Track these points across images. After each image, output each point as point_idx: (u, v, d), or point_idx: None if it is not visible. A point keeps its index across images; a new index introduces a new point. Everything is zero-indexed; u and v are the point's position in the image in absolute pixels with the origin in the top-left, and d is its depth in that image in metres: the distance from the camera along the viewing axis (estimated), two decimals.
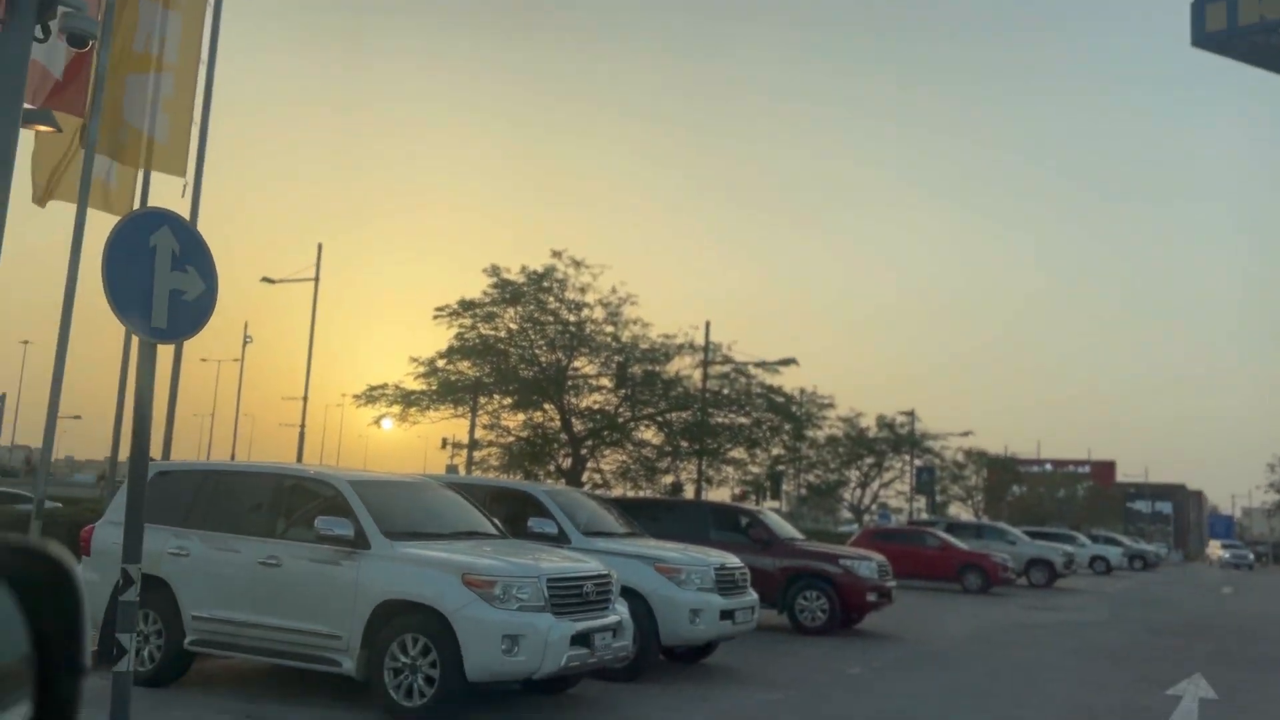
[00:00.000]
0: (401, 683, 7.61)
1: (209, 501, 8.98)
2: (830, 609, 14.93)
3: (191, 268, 4.88)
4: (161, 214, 4.92)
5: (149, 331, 4.72)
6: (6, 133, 4.17)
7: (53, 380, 11.58)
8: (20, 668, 1.02)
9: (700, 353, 24.69)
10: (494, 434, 23.70)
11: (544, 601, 7.77)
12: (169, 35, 13.37)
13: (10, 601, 1.00)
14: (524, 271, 21.93)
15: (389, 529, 8.18)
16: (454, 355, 22.01)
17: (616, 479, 23.91)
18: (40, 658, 0.99)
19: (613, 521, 12.04)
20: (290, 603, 8.09)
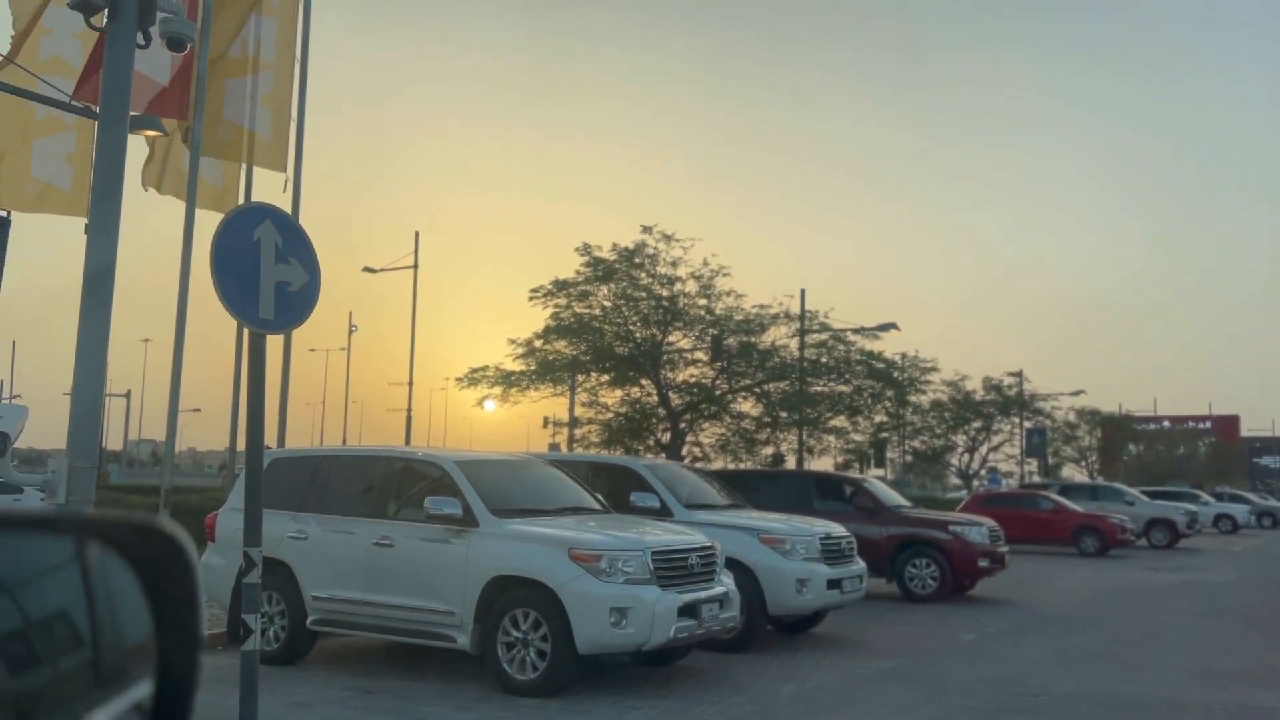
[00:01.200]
0: (514, 657, 7.77)
1: (323, 486, 9.28)
2: (941, 576, 14.68)
3: (294, 260, 5.02)
4: (264, 208, 5.08)
5: (257, 323, 4.89)
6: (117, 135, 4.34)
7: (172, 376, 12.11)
8: (143, 643, 1.06)
9: (796, 322, 24.41)
10: (593, 411, 23.92)
11: (649, 574, 7.83)
12: (264, 37, 13.75)
13: (131, 578, 1.03)
14: (615, 249, 22.00)
15: (496, 507, 8.33)
16: (550, 335, 22.25)
17: (716, 452, 23.90)
18: (159, 633, 1.02)
19: (714, 494, 12.05)
20: (404, 581, 8.32)
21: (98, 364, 4.36)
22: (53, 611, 0.97)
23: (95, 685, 0.99)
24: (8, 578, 0.94)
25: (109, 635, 1.01)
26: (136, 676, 1.03)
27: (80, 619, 0.99)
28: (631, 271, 21.76)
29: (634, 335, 22.24)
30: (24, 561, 0.97)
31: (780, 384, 23.53)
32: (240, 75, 13.49)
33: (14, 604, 0.94)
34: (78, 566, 1.01)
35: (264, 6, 13.92)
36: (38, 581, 0.98)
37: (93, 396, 4.34)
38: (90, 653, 0.98)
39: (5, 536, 0.98)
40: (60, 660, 0.95)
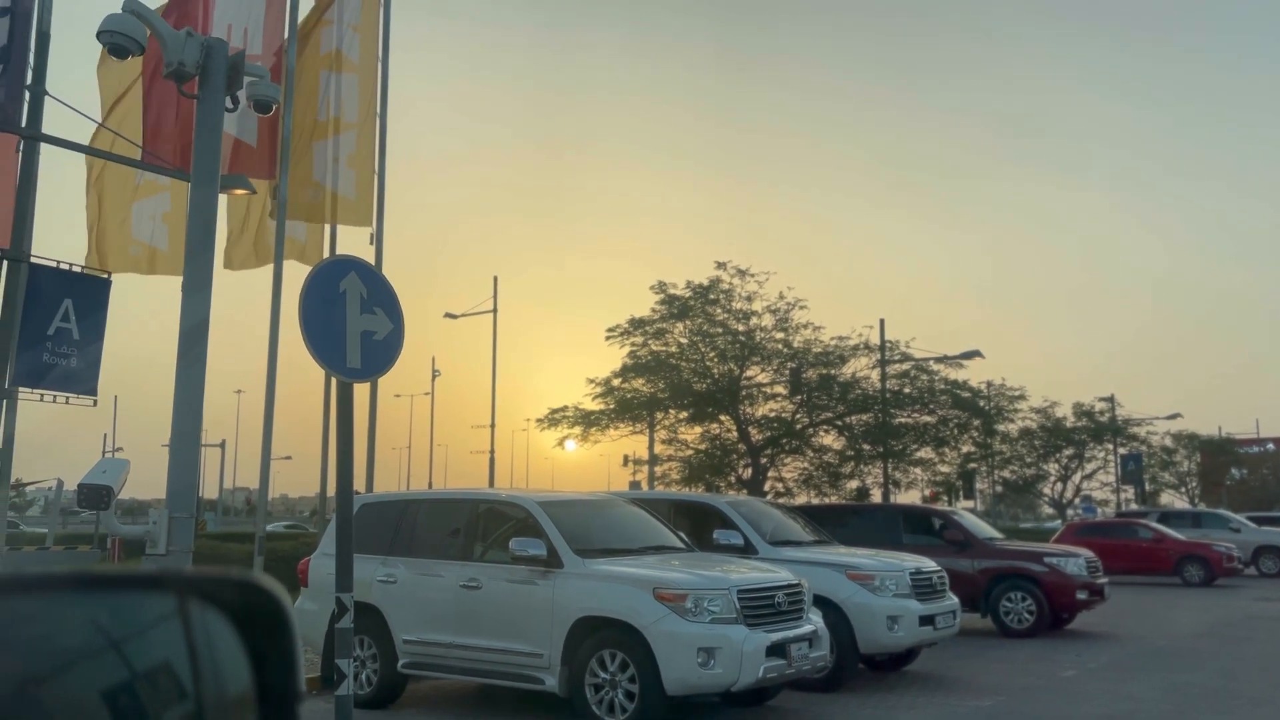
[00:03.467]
0: (603, 698, 7.73)
1: (410, 529, 9.41)
2: (1038, 610, 14.21)
3: (379, 309, 5.15)
4: (349, 260, 5.23)
5: (345, 372, 5.01)
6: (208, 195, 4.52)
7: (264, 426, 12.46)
8: (244, 698, 1.07)
9: (876, 352, 24.10)
10: (672, 448, 23.89)
11: (736, 613, 7.74)
12: (346, 96, 14.23)
13: (231, 633, 1.05)
14: (690, 286, 22.07)
15: (580, 547, 8.34)
16: (628, 374, 22.35)
17: (799, 487, 23.63)
18: (259, 686, 1.04)
19: (799, 530, 11.89)
20: (492, 623, 8.36)
21: (194, 416, 4.51)
22: (157, 667, 0.99)
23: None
24: (114, 634, 0.97)
25: (211, 690, 1.03)
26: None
27: (183, 674, 1.01)
28: (707, 308, 21.78)
29: (711, 371, 22.20)
30: (129, 618, 1.00)
31: (863, 416, 23.21)
32: (324, 137, 13.96)
33: (120, 660, 0.96)
34: (180, 622, 1.03)
35: (343, 64, 14.42)
36: (142, 637, 1.01)
37: (190, 449, 4.48)
38: (193, 707, 1.00)
39: (112, 595, 1.02)
40: (164, 715, 0.97)
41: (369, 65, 14.88)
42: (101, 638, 0.96)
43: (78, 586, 1.01)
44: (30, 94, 9.30)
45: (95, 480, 4.07)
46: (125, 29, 4.84)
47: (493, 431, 33.77)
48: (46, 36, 9.32)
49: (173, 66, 4.74)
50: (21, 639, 0.85)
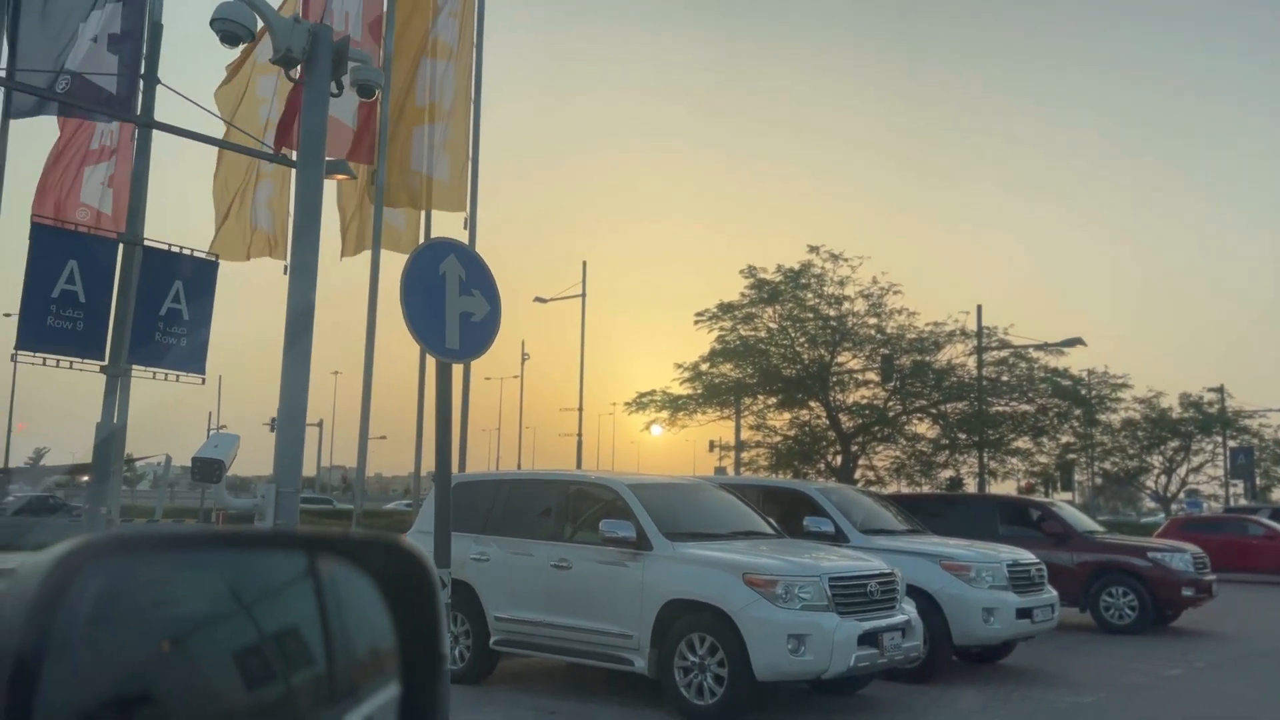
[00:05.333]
0: (691, 681, 7.74)
1: (503, 509, 9.54)
2: (1140, 606, 13.74)
3: (477, 291, 5.22)
4: (448, 243, 5.31)
5: (444, 353, 5.10)
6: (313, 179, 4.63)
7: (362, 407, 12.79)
8: (374, 660, 1.08)
9: (973, 339, 23.51)
10: (761, 434, 23.73)
11: (827, 601, 7.66)
12: (443, 83, 14.43)
13: (376, 594, 1.06)
14: (780, 270, 21.84)
15: (669, 530, 8.35)
16: (716, 358, 22.26)
17: (890, 475, 23.26)
18: (404, 646, 1.05)
19: (891, 519, 11.70)
20: (582, 603, 8.44)
21: (299, 397, 4.64)
22: (289, 628, 1.00)
23: (329, 700, 1.01)
24: (249, 594, 0.98)
25: (341, 651, 1.03)
26: (367, 692, 1.06)
27: (314, 636, 1.02)
28: (798, 292, 21.53)
29: (801, 357, 21.96)
30: (263, 579, 1.01)
31: (958, 404, 22.69)
32: (421, 123, 14.19)
33: (254, 620, 0.97)
34: (311, 584, 1.04)
35: (438, 51, 14.62)
36: (277, 599, 1.02)
37: (296, 427, 4.62)
38: (324, 668, 1.01)
39: (248, 554, 1.03)
40: (295, 675, 0.98)
41: (465, 51, 15.06)
42: (244, 595, 0.97)
43: (219, 545, 1.03)
44: (144, 82, 9.66)
45: (208, 454, 4.24)
46: (237, 17, 5.00)
47: (580, 415, 34.12)
48: (159, 26, 9.66)
49: (280, 53, 4.88)
50: (165, 594, 0.85)
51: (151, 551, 0.88)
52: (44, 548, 0.75)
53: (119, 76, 10.19)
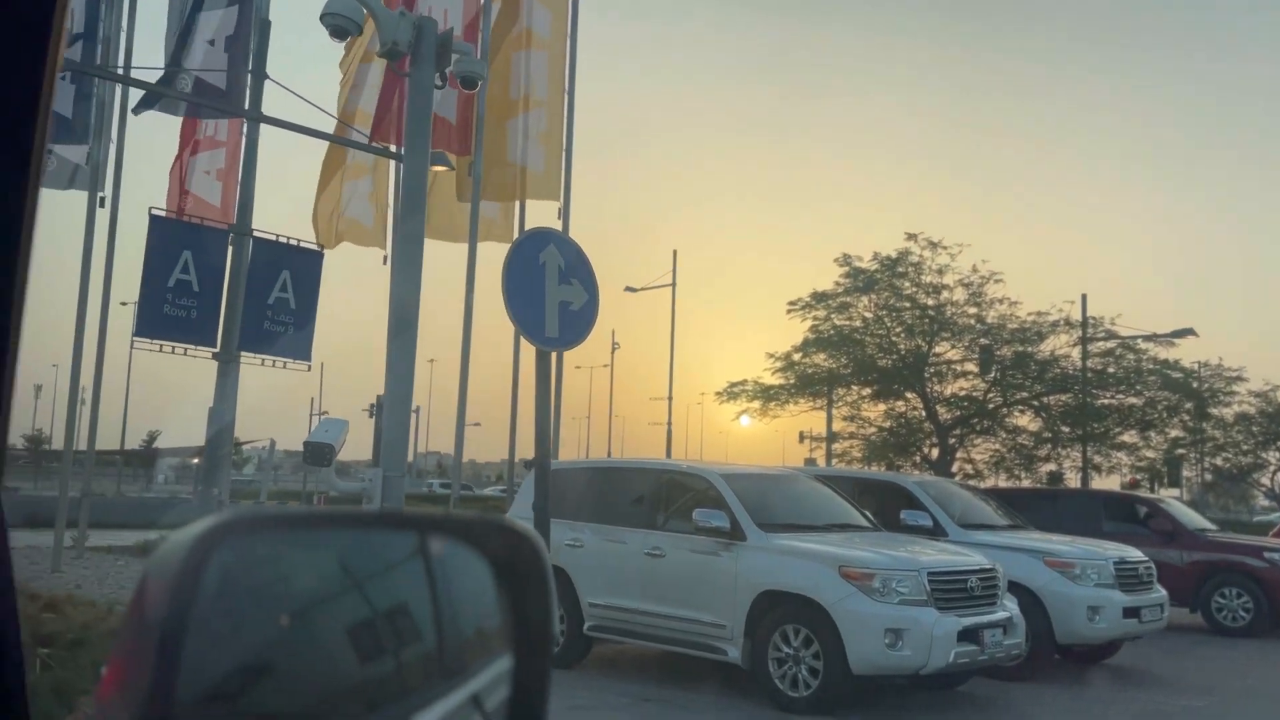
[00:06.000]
0: (785, 673, 7.69)
1: (597, 496, 9.61)
2: (1255, 607, 13.15)
3: (576, 280, 5.26)
4: (548, 233, 5.36)
5: (543, 340, 5.15)
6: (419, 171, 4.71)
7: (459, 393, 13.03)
8: (481, 639, 1.12)
9: (1077, 329, 22.74)
10: (854, 425, 23.41)
11: (926, 595, 7.53)
12: (535, 74, 14.56)
13: (489, 575, 1.08)
14: (876, 258, 21.47)
15: (763, 521, 8.30)
16: (809, 348, 22.01)
17: (989, 469, 22.68)
18: (515, 625, 1.06)
19: (991, 513, 11.44)
20: (675, 592, 8.45)
21: (405, 384, 4.74)
22: (402, 606, 1.03)
23: (438, 675, 1.04)
24: (364, 572, 1.00)
25: (450, 629, 1.06)
26: (475, 670, 1.08)
27: (425, 614, 1.04)
28: (894, 281, 21.14)
29: (898, 347, 21.57)
30: (378, 559, 1.03)
31: (1061, 396, 22.00)
32: (515, 115, 14.34)
33: (368, 597, 1.00)
34: (422, 564, 1.06)
35: (534, 42, 14.75)
36: (390, 578, 1.04)
37: (401, 413, 4.73)
38: (434, 646, 1.04)
39: (367, 534, 1.05)
40: (407, 651, 1.00)
41: (559, 41, 15.16)
42: (360, 573, 1.00)
43: (341, 525, 1.05)
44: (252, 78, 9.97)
45: (319, 439, 4.38)
46: (345, 11, 5.13)
47: (670, 404, 34.20)
48: (267, 23, 9.96)
49: (387, 45, 5.00)
50: (286, 571, 0.89)
51: (278, 530, 0.92)
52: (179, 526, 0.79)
53: (229, 73, 10.55)
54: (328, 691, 0.86)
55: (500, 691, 1.08)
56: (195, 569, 0.68)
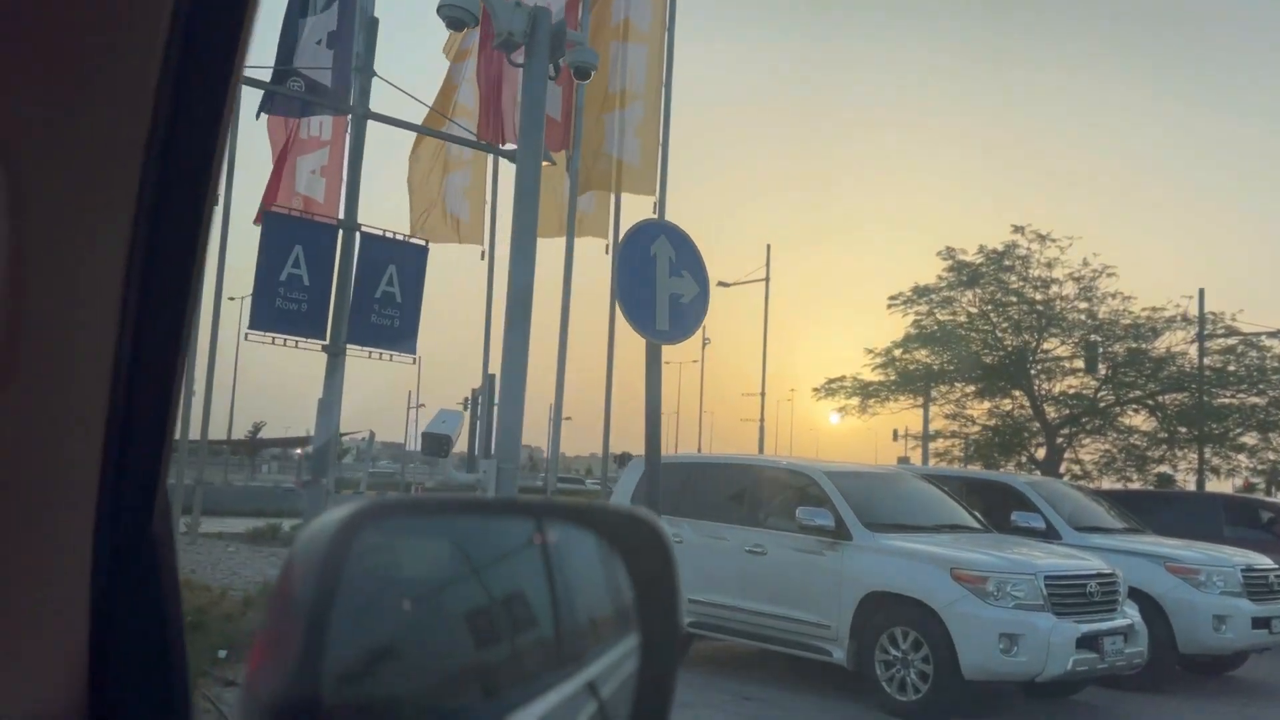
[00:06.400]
0: (893, 676, 7.51)
1: (695, 491, 9.53)
2: None
3: (686, 272, 5.19)
4: (659, 224, 5.30)
5: (654, 333, 5.09)
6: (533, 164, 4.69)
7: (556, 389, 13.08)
8: (595, 627, 1.13)
9: (1195, 325, 21.69)
10: (957, 423, 22.78)
11: (1043, 600, 7.27)
12: (634, 67, 14.51)
13: (618, 563, 1.08)
14: (981, 251, 20.84)
15: (869, 520, 8.14)
16: (910, 344, 21.51)
17: (1100, 470, 21.82)
18: (642, 616, 1.06)
19: (1106, 515, 11.01)
20: (777, 590, 8.32)
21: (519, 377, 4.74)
22: (520, 593, 1.04)
23: (555, 664, 1.04)
24: (484, 558, 1.01)
25: (566, 617, 1.07)
26: (590, 658, 1.09)
27: (542, 601, 1.05)
28: (1000, 275, 20.50)
29: (1003, 343, 20.92)
30: (497, 545, 1.04)
31: (1178, 396, 21.04)
32: (613, 109, 14.32)
33: (490, 584, 1.01)
34: (539, 551, 1.07)
35: (631, 34, 14.69)
36: (511, 565, 1.05)
37: (516, 407, 4.73)
38: (551, 633, 1.04)
39: (493, 521, 1.07)
40: (526, 638, 1.01)
41: (657, 34, 15.09)
42: (481, 559, 1.01)
43: (471, 512, 1.08)
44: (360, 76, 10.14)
45: (436, 430, 4.41)
46: (462, 2, 5.14)
47: (762, 400, 33.92)
48: (374, 21, 10.11)
49: (502, 36, 4.99)
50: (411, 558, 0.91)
51: (412, 516, 0.94)
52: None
53: (334, 71, 10.75)
54: (449, 676, 0.88)
55: (616, 679, 1.09)
56: (339, 553, 0.70)
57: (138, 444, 0.70)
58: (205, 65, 0.62)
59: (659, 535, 1.06)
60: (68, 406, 0.66)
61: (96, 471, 0.68)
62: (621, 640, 1.10)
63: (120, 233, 0.62)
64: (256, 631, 0.69)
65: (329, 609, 0.68)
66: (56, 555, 0.69)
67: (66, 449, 0.67)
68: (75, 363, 0.64)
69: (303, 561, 0.69)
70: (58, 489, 0.68)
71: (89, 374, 0.65)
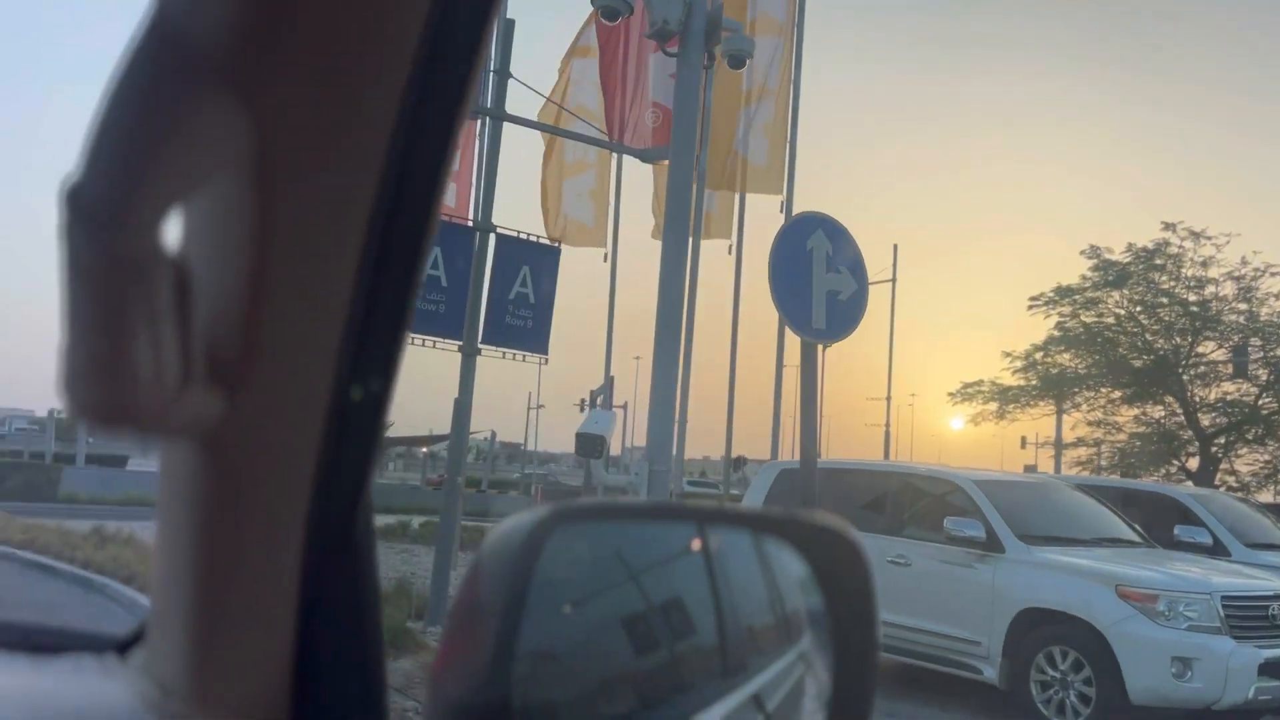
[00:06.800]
0: (1051, 698, 7.13)
1: (831, 498, 9.23)
2: None
3: (844, 268, 4.96)
4: (815, 218, 5.08)
5: (810, 332, 4.88)
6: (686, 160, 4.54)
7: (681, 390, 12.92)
8: (760, 639, 1.10)
9: None
10: (1100, 430, 21.68)
11: (1220, 622, 6.76)
12: (771, 62, 14.25)
13: (807, 572, 1.05)
14: (1130, 250, 19.78)
15: (1022, 532, 7.77)
16: (1052, 347, 20.57)
17: (1260, 482, 20.43)
18: (836, 632, 1.03)
19: (1276, 531, 10.25)
20: (922, 603, 7.99)
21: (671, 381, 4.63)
22: (689, 600, 1.01)
23: (719, 674, 1.02)
24: (656, 564, 0.99)
25: (731, 626, 1.04)
26: (755, 669, 1.07)
27: (704, 608, 1.02)
28: (1150, 274, 19.43)
29: (1154, 346, 19.81)
30: (655, 548, 1.01)
31: None
32: (751, 103, 14.09)
33: (645, 588, 0.98)
34: (701, 556, 1.04)
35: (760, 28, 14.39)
36: (680, 571, 1.02)
37: (667, 409, 4.61)
38: (714, 642, 1.02)
39: (675, 525, 1.05)
40: (683, 646, 0.99)
41: (789, 28, 14.80)
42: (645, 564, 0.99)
43: (656, 517, 1.07)
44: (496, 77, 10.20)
45: (591, 430, 4.32)
46: None
47: (889, 405, 33.03)
48: (510, 23, 10.17)
49: (657, 25, 4.87)
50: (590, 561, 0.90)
51: (600, 520, 0.94)
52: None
53: None
54: (608, 683, 0.87)
55: (781, 692, 1.08)
56: (531, 555, 0.71)
57: (351, 448, 0.70)
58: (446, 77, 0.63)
59: (856, 548, 1.03)
60: (294, 409, 0.66)
61: (312, 475, 0.68)
62: (786, 651, 1.10)
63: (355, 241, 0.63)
64: (443, 633, 0.70)
65: (521, 613, 0.68)
66: (270, 556, 0.69)
67: (288, 452, 0.67)
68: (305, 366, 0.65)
69: (493, 564, 0.70)
70: (278, 491, 0.68)
71: (316, 377, 0.66)
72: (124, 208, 0.55)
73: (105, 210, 0.55)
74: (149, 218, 0.56)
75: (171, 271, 0.57)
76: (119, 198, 0.55)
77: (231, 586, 0.68)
